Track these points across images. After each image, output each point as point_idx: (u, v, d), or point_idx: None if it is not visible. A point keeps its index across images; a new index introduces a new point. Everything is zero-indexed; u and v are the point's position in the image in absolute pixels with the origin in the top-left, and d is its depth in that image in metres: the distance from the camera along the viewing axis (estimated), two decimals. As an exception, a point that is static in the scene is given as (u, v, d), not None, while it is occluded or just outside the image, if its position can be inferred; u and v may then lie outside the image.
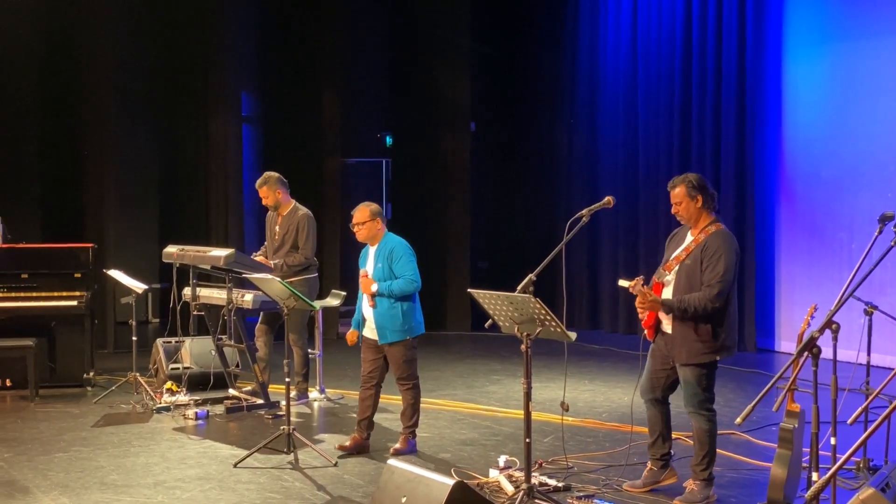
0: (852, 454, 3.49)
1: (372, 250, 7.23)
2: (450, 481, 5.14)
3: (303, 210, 9.00)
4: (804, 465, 5.78)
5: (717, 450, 6.65)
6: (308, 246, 8.82)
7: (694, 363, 5.93)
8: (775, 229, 11.88)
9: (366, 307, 7.16)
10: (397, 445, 7.25)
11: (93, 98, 12.26)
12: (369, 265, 7.20)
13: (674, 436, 6.53)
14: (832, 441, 4.48)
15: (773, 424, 6.56)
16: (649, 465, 6.32)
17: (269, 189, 8.93)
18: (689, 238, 6.07)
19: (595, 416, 8.42)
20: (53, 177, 12.47)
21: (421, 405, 7.41)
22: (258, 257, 8.92)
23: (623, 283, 5.91)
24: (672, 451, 6.52)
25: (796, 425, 5.75)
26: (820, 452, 5.19)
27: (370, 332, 7.19)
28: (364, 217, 7.18)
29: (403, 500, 5.27)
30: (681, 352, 5.96)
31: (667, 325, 6.02)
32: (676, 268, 6.01)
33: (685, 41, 12.32)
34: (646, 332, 6.14)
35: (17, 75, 12.11)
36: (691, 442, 6.20)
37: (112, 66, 12.37)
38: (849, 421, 4.09)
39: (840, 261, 10.90)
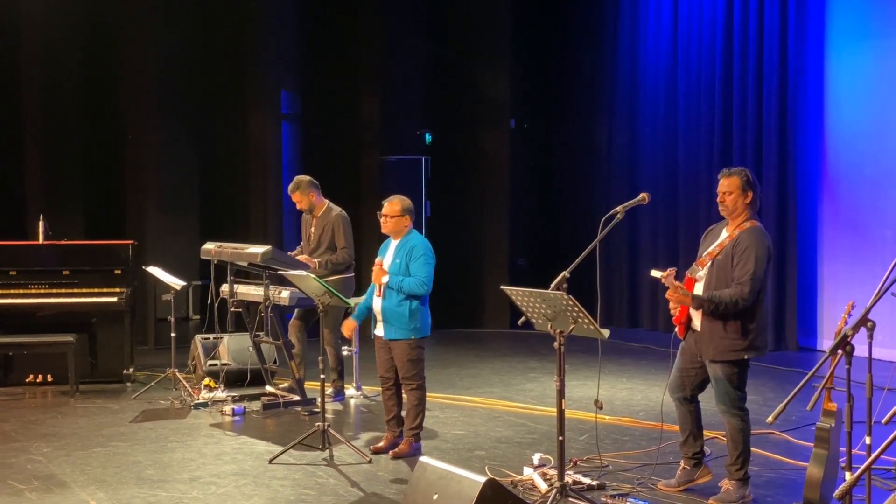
0: (881, 453, 3.44)
1: (393, 244, 7.21)
2: (481, 479, 5.11)
3: (336, 210, 9.02)
4: (842, 464, 5.70)
5: (755, 449, 6.60)
6: (350, 243, 8.84)
7: (722, 360, 5.87)
8: (818, 227, 11.74)
9: (376, 300, 7.14)
10: (398, 448, 7.15)
11: (134, 97, 12.39)
12: (388, 258, 7.18)
13: (710, 434, 6.47)
14: (867, 441, 4.40)
15: (811, 424, 6.47)
16: (682, 464, 6.26)
17: (302, 193, 8.97)
18: (724, 234, 6.00)
19: (632, 415, 8.36)
20: (95, 175, 12.61)
21: (428, 407, 7.29)
22: (300, 257, 8.93)
23: (655, 273, 5.86)
24: (709, 451, 6.46)
25: (833, 425, 5.68)
26: (856, 452, 5.12)
27: (380, 329, 7.16)
28: (395, 210, 7.16)
29: (435, 496, 5.25)
30: (709, 348, 5.90)
31: (696, 322, 5.97)
32: (709, 264, 5.95)
33: (726, 37, 12.20)
34: (676, 328, 6.09)
35: (60, 75, 12.24)
36: (726, 441, 6.13)
37: (153, 64, 12.48)
38: (883, 420, 4.03)
39: (884, 258, 10.73)
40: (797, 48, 11.60)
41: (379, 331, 7.18)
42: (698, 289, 5.95)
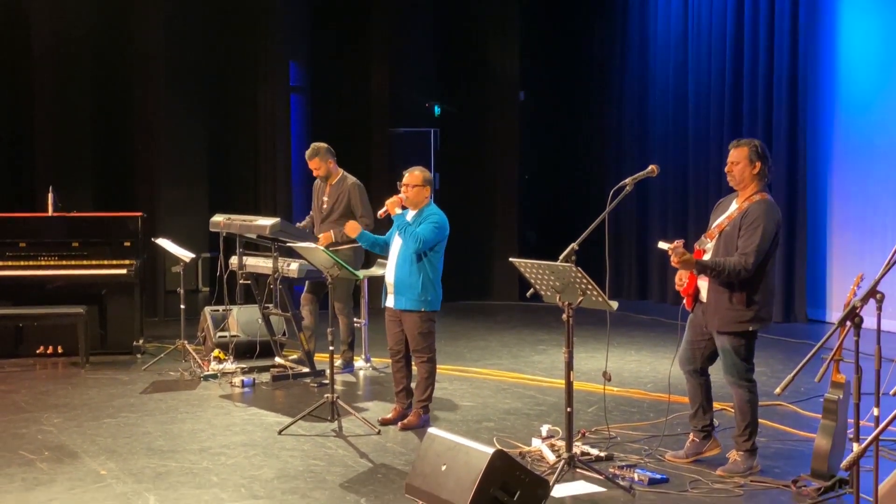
0: (889, 424, 3.43)
1: (411, 214, 7.20)
2: (489, 450, 5.12)
3: (351, 179, 9.02)
4: (850, 436, 5.71)
5: (764, 420, 6.61)
6: (368, 212, 8.83)
7: (727, 331, 5.87)
8: (828, 198, 11.71)
9: (388, 271, 7.15)
10: (407, 420, 7.16)
11: (144, 68, 12.39)
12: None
13: (717, 406, 6.47)
14: (875, 412, 4.40)
15: (819, 395, 6.49)
16: (691, 436, 6.27)
17: (321, 160, 8.96)
18: (733, 206, 5.99)
19: (640, 387, 8.38)
20: (105, 147, 12.63)
21: (436, 379, 7.31)
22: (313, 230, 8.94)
23: (663, 245, 5.84)
24: (717, 423, 6.46)
25: (841, 396, 5.68)
26: (864, 424, 5.11)
27: (391, 300, 7.15)
28: (417, 181, 7.13)
29: (443, 468, 5.26)
30: (714, 319, 5.91)
31: (704, 294, 5.96)
32: (717, 236, 5.94)
33: (737, 4, 12.13)
34: (685, 300, 6.09)
35: (70, 47, 12.23)
36: (734, 412, 6.14)
37: (162, 36, 12.46)
38: (892, 392, 4.03)
39: (894, 230, 10.72)
40: (809, 17, 11.52)
41: (389, 302, 7.17)
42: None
